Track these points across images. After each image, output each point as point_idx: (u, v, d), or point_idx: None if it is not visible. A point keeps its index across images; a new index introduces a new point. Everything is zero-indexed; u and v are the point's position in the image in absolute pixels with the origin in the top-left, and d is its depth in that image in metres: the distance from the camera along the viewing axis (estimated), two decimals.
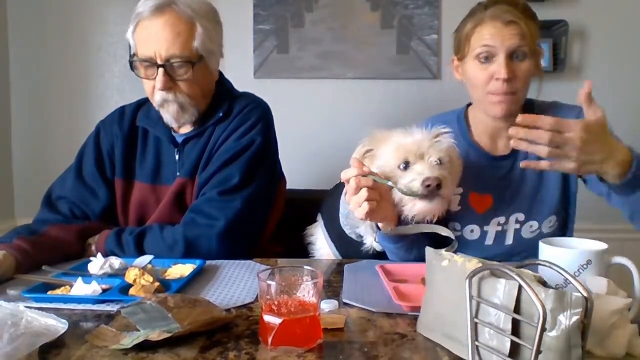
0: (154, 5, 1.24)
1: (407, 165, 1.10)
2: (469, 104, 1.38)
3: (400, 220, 1.14)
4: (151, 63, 1.25)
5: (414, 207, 1.09)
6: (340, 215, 1.27)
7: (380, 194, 1.06)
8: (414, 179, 1.07)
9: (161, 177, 1.36)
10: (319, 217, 1.39)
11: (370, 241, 1.23)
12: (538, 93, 1.31)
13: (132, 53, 1.31)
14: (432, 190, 1.06)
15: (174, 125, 1.35)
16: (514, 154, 1.30)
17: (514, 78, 1.19)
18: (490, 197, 1.30)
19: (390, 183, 1.06)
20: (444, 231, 1.04)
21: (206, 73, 1.33)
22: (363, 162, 1.08)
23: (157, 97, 1.28)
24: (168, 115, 1.31)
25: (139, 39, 1.27)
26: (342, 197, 1.27)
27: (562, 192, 1.30)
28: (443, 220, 1.29)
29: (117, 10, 2.34)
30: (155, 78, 1.26)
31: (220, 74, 1.41)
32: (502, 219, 1.30)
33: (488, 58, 1.20)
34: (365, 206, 1.03)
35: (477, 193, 1.31)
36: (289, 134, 2.24)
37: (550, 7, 2.22)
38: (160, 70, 1.24)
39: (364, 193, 1.03)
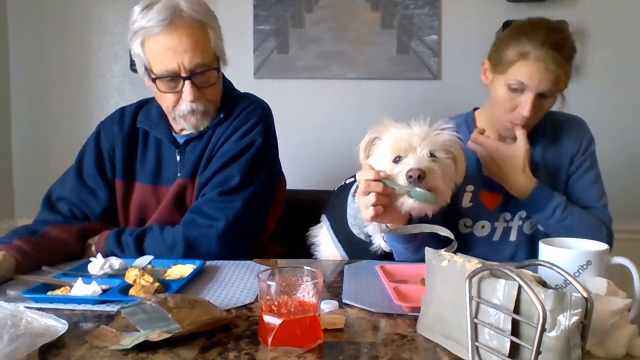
0: (163, 19, 1.21)
1: (399, 159, 1.09)
2: (475, 108, 1.42)
3: (411, 222, 1.14)
4: (174, 76, 1.24)
5: (405, 204, 1.07)
6: (348, 216, 1.27)
7: (389, 198, 1.07)
8: (400, 171, 1.06)
9: (162, 178, 1.36)
10: (323, 218, 1.39)
11: (379, 241, 1.23)
12: (562, 104, 1.33)
13: (145, 67, 1.28)
14: (414, 182, 1.03)
15: (194, 132, 1.34)
16: None
17: (535, 115, 1.24)
18: (501, 195, 1.34)
19: (399, 186, 1.05)
20: (443, 231, 1.04)
21: (221, 74, 1.34)
22: (369, 151, 1.14)
23: (185, 108, 1.27)
24: (189, 125, 1.31)
25: (154, 55, 1.24)
26: (350, 197, 1.27)
27: (563, 193, 1.33)
28: (454, 217, 1.33)
29: (118, 11, 2.34)
30: (179, 90, 1.25)
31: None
32: (508, 215, 1.34)
33: (517, 90, 1.23)
34: (371, 211, 1.05)
35: (488, 192, 1.34)
36: (289, 134, 2.24)
37: (550, 7, 2.22)
38: (187, 82, 1.23)
39: (371, 197, 1.04)
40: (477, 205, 1.34)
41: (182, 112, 1.28)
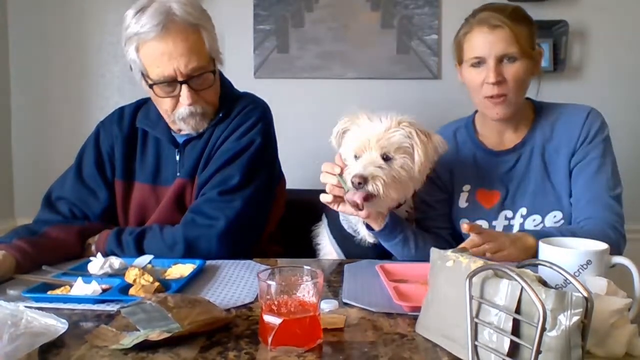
0: (157, 24, 1.20)
1: (357, 157, 1.16)
2: (477, 111, 1.41)
3: (391, 214, 1.20)
4: (171, 81, 1.24)
5: (346, 196, 1.14)
6: (339, 212, 1.29)
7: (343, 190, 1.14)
8: (349, 173, 1.13)
9: (161, 178, 1.36)
10: (324, 217, 1.41)
11: (364, 233, 1.26)
12: (537, 93, 1.35)
13: (141, 73, 1.27)
14: (356, 187, 1.10)
15: (193, 133, 1.34)
16: (518, 148, 1.33)
17: (503, 81, 1.24)
18: (498, 192, 1.34)
19: (344, 184, 1.13)
20: None
21: (218, 74, 1.34)
22: (340, 140, 1.24)
23: (183, 111, 1.27)
24: (189, 127, 1.31)
25: (150, 61, 1.24)
26: None
27: (570, 190, 1.29)
28: (453, 218, 1.36)
29: (118, 11, 2.33)
30: (177, 94, 1.25)
31: (220, 74, 1.41)
32: (509, 213, 1.33)
33: (480, 63, 1.26)
34: (329, 197, 1.17)
35: (485, 189, 1.34)
36: (289, 133, 2.23)
37: (550, 7, 2.22)
38: (184, 86, 1.23)
39: (327, 187, 1.17)
40: (473, 205, 1.35)
41: (182, 115, 1.28)
